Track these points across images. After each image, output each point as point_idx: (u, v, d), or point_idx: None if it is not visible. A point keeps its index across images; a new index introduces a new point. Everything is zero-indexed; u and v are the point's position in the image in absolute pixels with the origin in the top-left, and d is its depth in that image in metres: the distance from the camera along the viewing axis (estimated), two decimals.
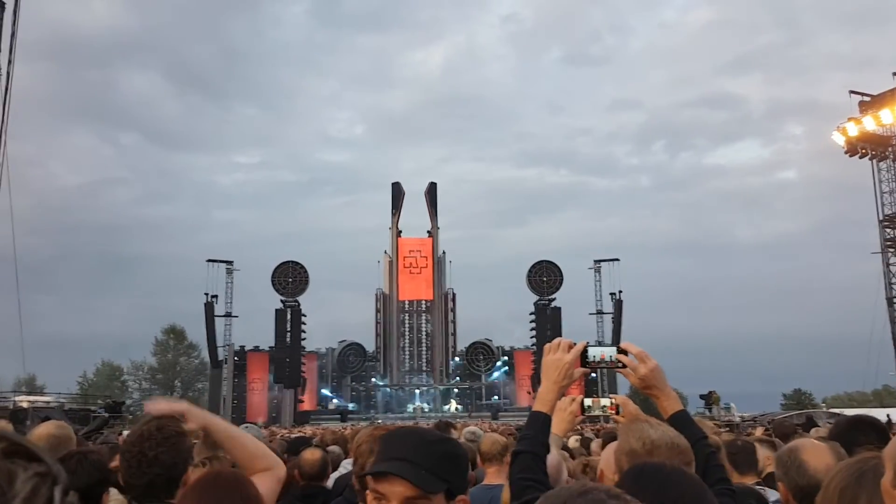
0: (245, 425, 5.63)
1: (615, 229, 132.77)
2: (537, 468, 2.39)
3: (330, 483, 5.27)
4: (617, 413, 3.24)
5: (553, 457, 2.71)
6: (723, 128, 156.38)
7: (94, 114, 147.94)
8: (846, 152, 41.26)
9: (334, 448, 6.70)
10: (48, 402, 39.22)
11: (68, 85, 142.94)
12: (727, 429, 18.15)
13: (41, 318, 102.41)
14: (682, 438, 2.37)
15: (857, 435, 3.17)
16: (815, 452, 2.59)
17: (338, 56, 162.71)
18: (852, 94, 40.84)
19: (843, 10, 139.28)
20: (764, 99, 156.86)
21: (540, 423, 2.52)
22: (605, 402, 3.28)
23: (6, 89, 24.98)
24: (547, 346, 2.67)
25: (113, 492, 3.03)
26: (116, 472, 2.85)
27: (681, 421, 2.61)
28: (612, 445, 3.26)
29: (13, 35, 24.92)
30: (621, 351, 2.67)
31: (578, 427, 5.78)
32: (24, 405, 33.28)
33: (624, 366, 2.65)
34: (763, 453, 4.63)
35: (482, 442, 5.20)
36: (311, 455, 4.77)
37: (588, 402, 3.32)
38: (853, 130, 39.93)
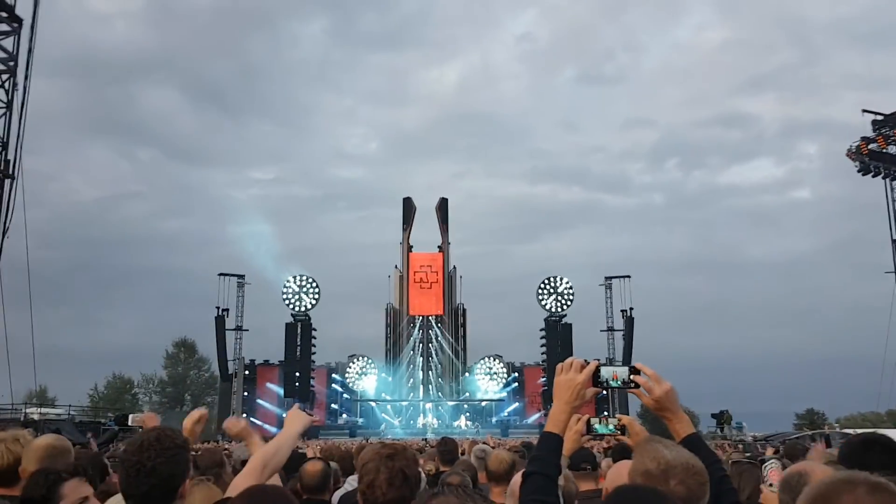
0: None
1: (628, 247, 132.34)
2: (549, 490, 2.38)
3: (335, 501, 5.20)
4: (622, 434, 3.21)
5: None
6: (736, 146, 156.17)
7: (113, 129, 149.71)
8: (859, 171, 41.09)
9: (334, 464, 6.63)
10: (59, 415, 39.39)
11: (88, 101, 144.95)
12: (740, 448, 17.93)
13: (55, 330, 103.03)
14: (697, 459, 2.34)
15: (870, 456, 3.07)
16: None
17: (353, 74, 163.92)
18: (865, 113, 40.75)
19: (858, 31, 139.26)
20: (777, 118, 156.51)
21: (552, 444, 2.51)
22: (611, 422, 3.27)
23: (23, 104, 25.27)
24: (559, 365, 2.66)
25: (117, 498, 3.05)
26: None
27: (693, 444, 2.58)
28: (621, 464, 3.20)
29: (30, 51, 25.25)
30: (635, 371, 2.65)
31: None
32: (35, 417, 33.44)
33: (637, 386, 2.64)
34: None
35: (490, 460, 5.14)
36: (312, 467, 4.70)
37: (594, 421, 3.31)
38: (865, 149, 39.78)
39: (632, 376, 2.64)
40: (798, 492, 2.47)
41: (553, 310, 63.69)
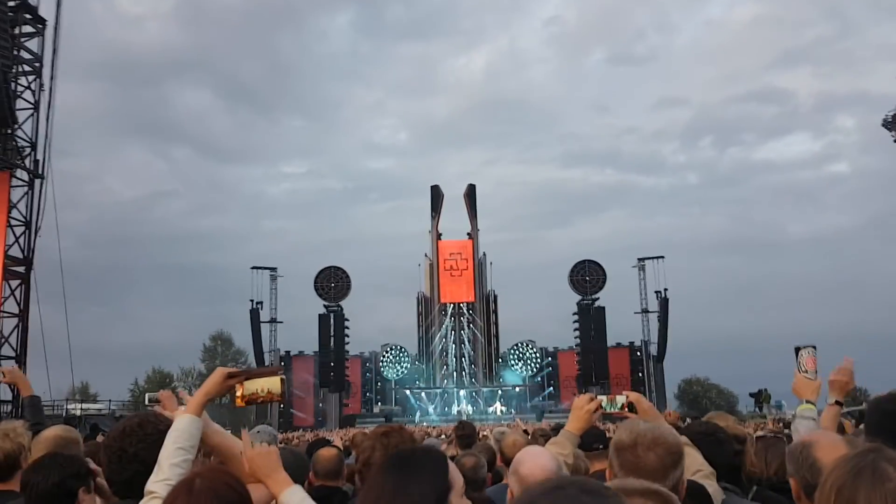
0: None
1: (663, 228, 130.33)
2: None
3: None
4: (631, 411, 3.18)
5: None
6: (772, 122, 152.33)
7: (148, 130, 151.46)
8: (895, 140, 40.17)
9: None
10: (99, 410, 40.42)
11: (123, 102, 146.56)
12: (780, 426, 17.70)
13: (97, 328, 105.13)
14: (675, 435, 2.39)
15: None
16: (829, 449, 2.41)
17: (381, 65, 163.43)
18: None
19: (892, 2, 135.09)
20: (813, 92, 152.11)
21: None
22: (620, 399, 3.31)
23: (49, 104, 25.67)
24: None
25: None
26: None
27: None
28: None
29: (55, 51, 25.63)
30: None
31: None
32: (77, 413, 34.33)
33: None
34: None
35: (504, 442, 5.07)
36: (326, 452, 4.60)
37: (603, 399, 3.32)
38: None
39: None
40: (802, 463, 2.38)
41: (586, 293, 63.29)
